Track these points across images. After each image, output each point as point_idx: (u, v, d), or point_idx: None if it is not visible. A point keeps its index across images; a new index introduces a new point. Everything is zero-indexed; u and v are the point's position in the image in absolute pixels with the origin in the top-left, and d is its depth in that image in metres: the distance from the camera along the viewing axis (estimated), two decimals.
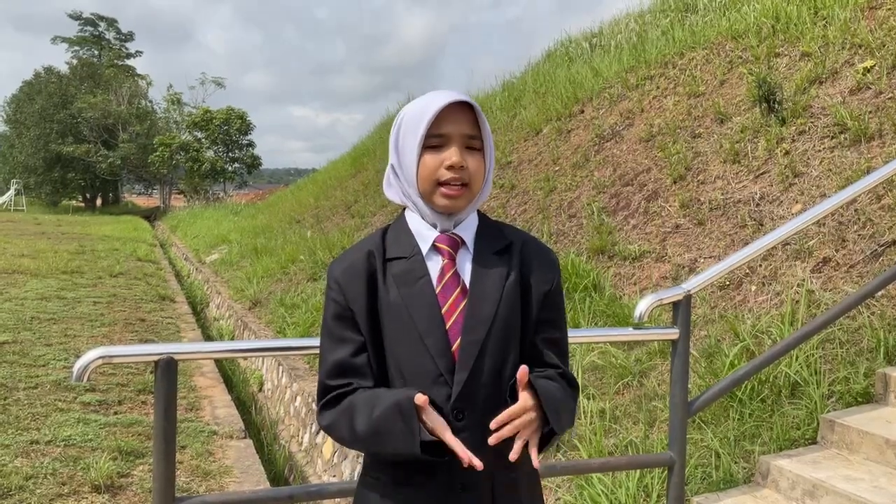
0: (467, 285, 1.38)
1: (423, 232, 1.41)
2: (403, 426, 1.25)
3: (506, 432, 1.24)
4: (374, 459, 1.41)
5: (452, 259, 1.39)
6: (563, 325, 1.46)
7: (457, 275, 1.38)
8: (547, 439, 1.31)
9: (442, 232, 1.41)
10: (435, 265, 1.39)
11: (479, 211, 1.47)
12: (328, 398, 1.38)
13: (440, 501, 1.33)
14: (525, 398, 1.27)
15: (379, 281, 1.39)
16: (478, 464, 1.22)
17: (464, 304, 1.36)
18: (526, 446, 1.28)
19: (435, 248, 1.40)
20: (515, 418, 1.26)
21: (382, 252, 1.41)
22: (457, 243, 1.41)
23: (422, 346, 1.33)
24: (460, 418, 1.33)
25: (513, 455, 1.24)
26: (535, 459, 1.27)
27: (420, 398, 1.24)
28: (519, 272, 1.41)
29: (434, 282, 1.37)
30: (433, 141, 1.36)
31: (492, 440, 1.24)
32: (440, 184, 1.37)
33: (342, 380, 1.37)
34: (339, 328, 1.39)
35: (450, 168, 1.35)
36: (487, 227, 1.46)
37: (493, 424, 1.25)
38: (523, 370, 1.27)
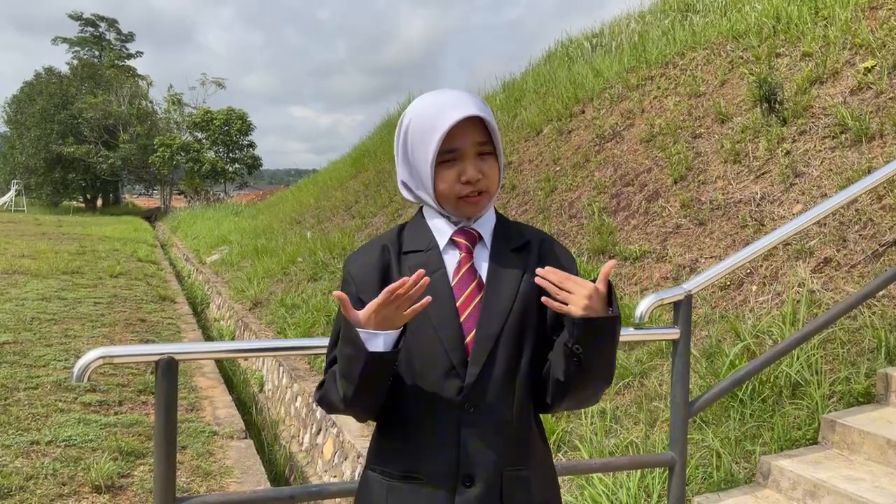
0: (483, 280, 1.38)
1: (441, 227, 1.41)
2: (352, 348, 1.26)
3: (555, 277, 1.28)
4: (378, 450, 1.41)
5: (470, 253, 1.39)
6: None
7: (473, 269, 1.38)
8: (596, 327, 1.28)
9: (460, 227, 1.42)
10: (452, 259, 1.39)
11: (496, 209, 1.48)
12: (321, 382, 1.40)
13: (446, 496, 1.32)
14: (598, 284, 1.28)
15: (393, 273, 1.39)
16: (424, 280, 1.24)
17: (479, 297, 1.36)
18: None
19: (452, 242, 1.40)
20: (580, 283, 1.28)
21: (398, 246, 1.42)
22: (474, 238, 1.41)
23: (435, 338, 1.33)
24: (471, 411, 1.33)
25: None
26: (573, 309, 1.27)
27: (335, 293, 1.28)
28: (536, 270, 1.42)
29: (450, 275, 1.37)
30: (446, 157, 1.35)
31: (539, 273, 1.29)
32: (459, 198, 1.37)
33: None
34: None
35: (467, 183, 1.36)
36: (505, 224, 1.46)
37: (542, 271, 1.29)
38: (610, 264, 1.29)
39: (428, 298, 1.25)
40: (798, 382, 3.51)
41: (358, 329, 1.25)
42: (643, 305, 2.63)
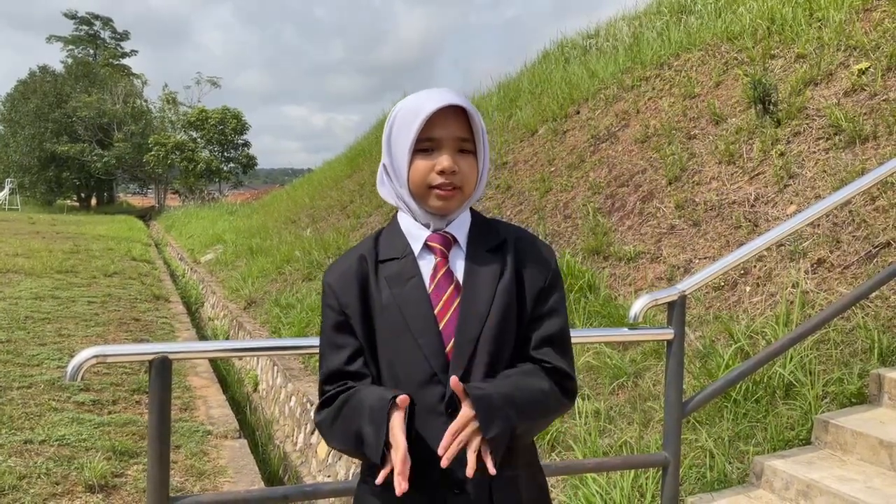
0: (461, 283, 1.37)
1: (415, 232, 1.40)
2: (374, 435, 1.25)
3: (452, 450, 1.22)
4: (369, 462, 1.41)
5: (445, 257, 1.38)
6: (561, 320, 1.42)
7: (449, 273, 1.37)
8: (500, 442, 1.26)
9: (434, 231, 1.40)
10: (427, 264, 1.38)
11: (471, 209, 1.46)
12: (324, 398, 1.39)
13: (437, 502, 1.31)
14: (464, 410, 1.25)
15: (371, 283, 1.38)
16: (405, 487, 1.19)
17: (457, 302, 1.35)
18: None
19: (427, 247, 1.39)
20: (459, 433, 1.23)
21: (375, 255, 1.40)
22: (449, 242, 1.40)
23: (415, 346, 1.32)
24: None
25: (469, 471, 1.22)
26: (491, 467, 1.24)
27: (402, 399, 1.24)
28: (513, 269, 1.39)
29: (427, 281, 1.36)
30: (424, 145, 1.35)
31: (443, 463, 1.22)
32: (432, 187, 1.35)
33: (339, 385, 1.37)
34: (335, 334, 1.39)
35: (441, 173, 1.34)
36: (480, 224, 1.44)
37: (440, 450, 1.23)
38: (453, 381, 1.25)
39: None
40: (791, 383, 3.52)
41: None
42: (637, 306, 2.63)
